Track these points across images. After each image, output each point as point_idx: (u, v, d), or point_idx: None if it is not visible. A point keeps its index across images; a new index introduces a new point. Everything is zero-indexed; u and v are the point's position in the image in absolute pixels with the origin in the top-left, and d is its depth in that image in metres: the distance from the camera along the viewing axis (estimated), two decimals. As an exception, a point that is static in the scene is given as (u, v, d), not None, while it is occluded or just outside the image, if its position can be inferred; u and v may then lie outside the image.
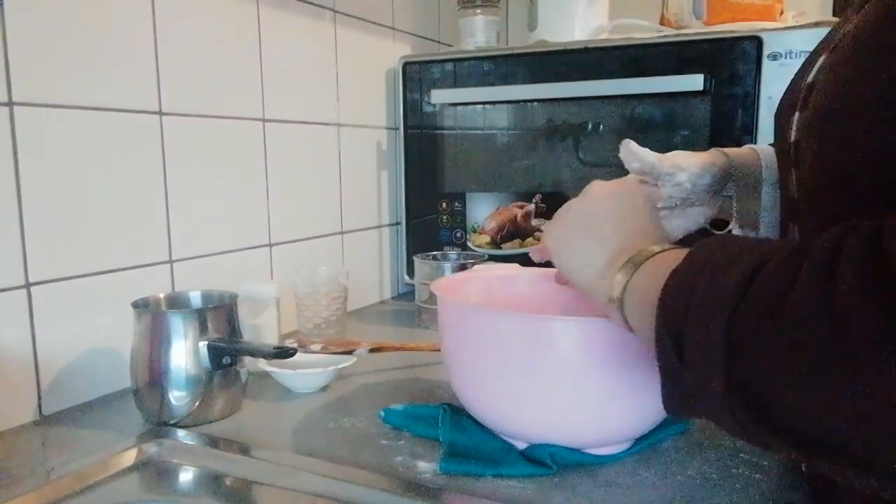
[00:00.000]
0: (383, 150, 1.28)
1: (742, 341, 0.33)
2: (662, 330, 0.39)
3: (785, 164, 0.53)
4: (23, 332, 0.70)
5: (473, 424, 0.65)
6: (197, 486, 0.62)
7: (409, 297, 1.24)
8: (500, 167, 1.18)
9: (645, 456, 0.62)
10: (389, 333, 1.07)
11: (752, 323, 0.33)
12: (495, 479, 0.57)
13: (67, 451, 0.64)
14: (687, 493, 0.55)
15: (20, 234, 0.69)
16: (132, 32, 0.79)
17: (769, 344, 0.32)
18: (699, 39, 0.99)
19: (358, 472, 0.58)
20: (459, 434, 0.63)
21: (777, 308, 0.32)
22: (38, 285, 0.71)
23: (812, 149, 0.45)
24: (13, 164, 0.68)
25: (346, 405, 0.75)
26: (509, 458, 0.60)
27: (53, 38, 0.71)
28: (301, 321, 1.00)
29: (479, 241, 1.19)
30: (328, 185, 1.15)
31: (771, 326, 0.32)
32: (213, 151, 0.91)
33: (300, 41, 1.05)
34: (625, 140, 0.62)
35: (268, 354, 0.70)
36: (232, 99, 0.93)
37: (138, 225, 0.81)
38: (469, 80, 1.16)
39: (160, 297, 0.75)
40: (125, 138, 0.79)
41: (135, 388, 0.70)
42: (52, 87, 0.71)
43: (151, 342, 0.68)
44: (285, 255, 1.05)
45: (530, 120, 1.14)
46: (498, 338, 0.59)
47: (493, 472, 0.58)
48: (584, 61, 1.06)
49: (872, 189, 0.39)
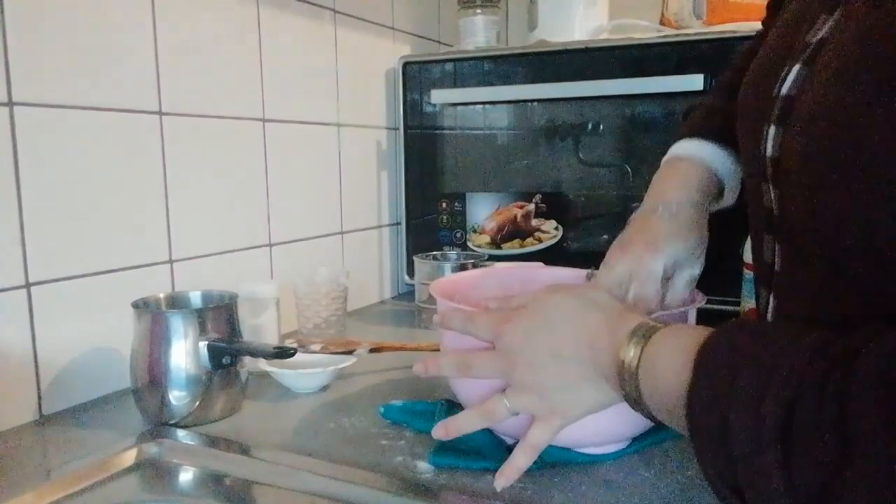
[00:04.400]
0: (383, 150, 1.28)
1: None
2: (710, 471, 0.38)
3: (755, 175, 0.51)
4: (23, 332, 0.70)
5: None
6: (197, 486, 0.62)
7: (409, 297, 1.24)
8: (500, 167, 1.18)
9: (645, 456, 0.62)
10: (389, 333, 1.07)
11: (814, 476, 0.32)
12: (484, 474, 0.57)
13: (67, 451, 0.64)
14: (687, 493, 0.55)
15: (20, 234, 0.69)
16: (132, 32, 0.79)
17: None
18: (699, 39, 0.99)
19: (358, 472, 0.58)
20: None
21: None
22: (38, 285, 0.71)
23: (810, 170, 0.43)
24: (13, 164, 0.68)
25: (346, 405, 0.75)
26: (498, 452, 0.60)
27: (53, 38, 0.71)
28: (301, 321, 1.00)
29: (479, 241, 1.19)
30: (328, 185, 1.15)
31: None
32: (213, 151, 0.91)
33: (300, 41, 1.05)
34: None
35: (268, 354, 0.70)
36: (232, 99, 0.93)
37: (138, 225, 0.81)
38: (469, 80, 1.16)
39: (160, 297, 0.75)
40: (125, 138, 0.79)
41: (135, 388, 0.70)
42: (52, 87, 0.71)
43: (151, 342, 0.68)
44: (285, 255, 1.05)
45: (530, 120, 1.14)
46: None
47: (481, 465, 0.58)
48: (584, 61, 1.06)
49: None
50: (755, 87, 0.53)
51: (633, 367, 0.45)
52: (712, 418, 0.37)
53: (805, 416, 0.33)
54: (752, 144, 0.51)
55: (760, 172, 0.50)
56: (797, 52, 0.48)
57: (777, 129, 0.47)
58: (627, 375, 0.45)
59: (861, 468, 0.31)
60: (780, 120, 0.47)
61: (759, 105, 0.50)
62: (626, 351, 0.46)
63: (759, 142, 0.49)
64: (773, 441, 0.33)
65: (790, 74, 0.47)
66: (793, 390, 0.33)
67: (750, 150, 0.52)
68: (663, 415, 0.45)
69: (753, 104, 0.52)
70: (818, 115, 0.42)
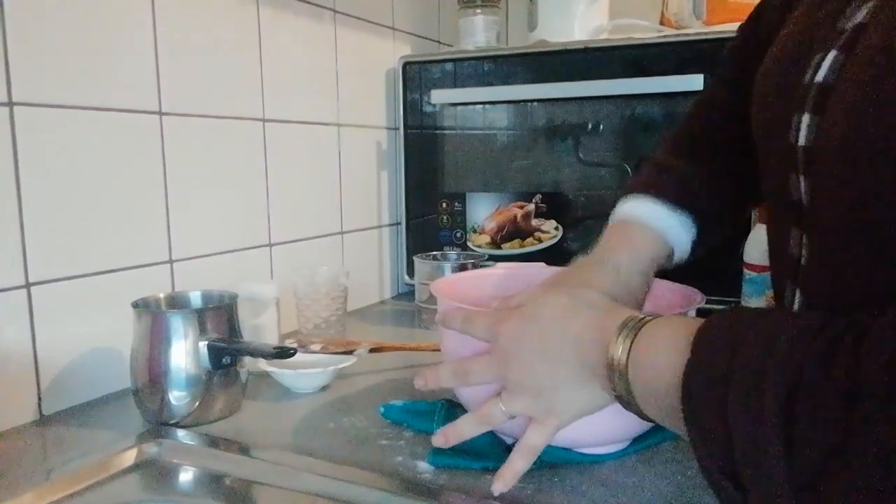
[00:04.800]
0: (383, 150, 1.28)
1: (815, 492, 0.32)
2: (704, 455, 0.38)
3: (783, 166, 0.50)
4: (23, 332, 0.70)
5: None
6: (197, 486, 0.62)
7: (409, 297, 1.24)
8: (500, 167, 1.18)
9: (645, 456, 0.62)
10: (389, 333, 1.07)
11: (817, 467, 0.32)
12: (484, 474, 0.57)
13: (67, 451, 0.64)
14: (687, 493, 0.55)
15: (20, 234, 0.69)
16: (132, 32, 0.79)
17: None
18: (699, 39, 0.99)
19: (358, 472, 0.58)
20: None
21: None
22: (38, 285, 0.71)
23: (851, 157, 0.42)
24: (13, 165, 0.68)
25: (346, 405, 0.75)
26: (497, 452, 0.60)
27: (53, 38, 0.71)
28: (301, 321, 1.00)
29: (479, 241, 1.19)
30: (328, 185, 1.15)
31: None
32: (213, 151, 0.91)
33: (300, 41, 1.05)
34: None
35: (268, 354, 0.70)
36: (232, 99, 0.93)
37: (138, 225, 0.81)
38: (469, 81, 1.16)
39: (160, 297, 0.75)
40: (125, 138, 0.79)
41: (135, 388, 0.70)
42: (52, 87, 0.71)
43: (151, 342, 0.68)
44: (285, 255, 1.05)
45: (530, 120, 1.14)
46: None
47: (480, 465, 0.58)
48: (584, 61, 1.06)
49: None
50: (778, 78, 0.51)
51: (623, 361, 0.44)
52: (711, 397, 0.36)
53: (807, 392, 0.32)
54: (778, 136, 0.49)
55: (789, 163, 0.49)
56: (829, 40, 0.46)
57: (812, 117, 0.46)
58: (617, 370, 0.45)
59: (861, 447, 0.30)
60: (817, 108, 0.45)
61: (785, 95, 0.49)
62: (616, 346, 0.45)
63: (789, 132, 0.48)
64: (775, 417, 0.33)
65: (825, 61, 0.46)
66: (795, 365, 0.33)
67: (774, 143, 0.51)
68: (653, 409, 0.44)
69: (777, 95, 0.50)
70: (862, 101, 0.41)
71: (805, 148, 0.47)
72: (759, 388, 0.34)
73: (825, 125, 0.45)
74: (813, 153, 0.46)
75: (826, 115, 0.45)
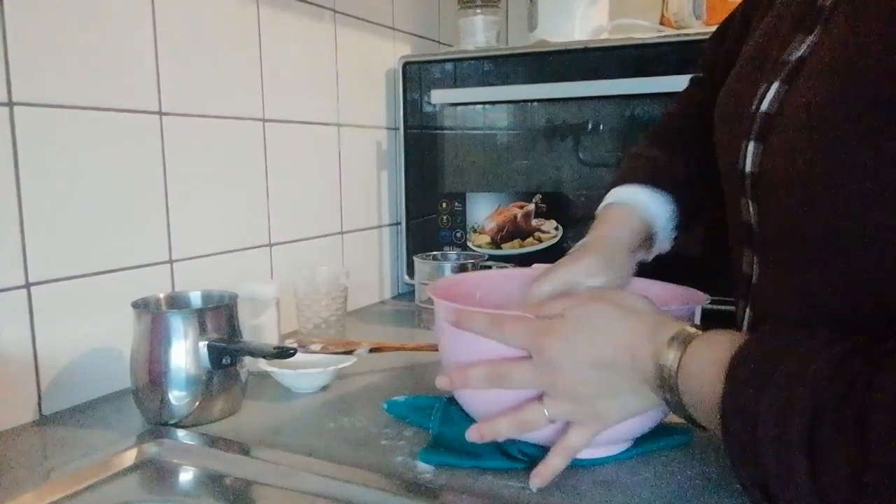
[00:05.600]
0: (383, 151, 1.28)
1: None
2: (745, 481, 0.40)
3: (734, 190, 0.52)
4: (23, 332, 0.70)
5: (464, 417, 0.65)
6: (197, 486, 0.62)
7: (409, 297, 1.24)
8: (500, 167, 1.18)
9: (645, 456, 0.62)
10: (389, 333, 1.07)
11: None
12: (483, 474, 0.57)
13: (67, 451, 0.64)
14: (687, 493, 0.55)
15: (20, 234, 0.69)
16: (132, 32, 0.79)
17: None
18: (699, 39, 0.99)
19: (358, 472, 0.58)
20: (448, 426, 0.64)
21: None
22: (38, 285, 0.71)
23: (793, 186, 0.44)
24: (13, 165, 0.68)
25: (346, 405, 0.75)
26: (488, 451, 0.60)
27: (53, 38, 0.71)
28: (301, 321, 1.00)
29: (479, 241, 1.19)
30: (328, 185, 1.15)
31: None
32: (213, 151, 0.91)
33: (300, 41, 1.05)
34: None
35: (268, 354, 0.70)
36: (232, 99, 0.93)
37: (138, 225, 0.81)
38: (469, 80, 1.16)
39: (160, 297, 0.75)
40: (125, 138, 0.79)
41: (135, 388, 0.70)
42: (52, 87, 0.71)
43: (151, 342, 0.68)
44: (285, 255, 1.05)
45: (530, 120, 1.14)
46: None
47: (470, 463, 0.59)
48: (584, 61, 1.06)
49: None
50: (730, 106, 0.54)
51: (673, 374, 0.46)
52: (744, 431, 0.38)
53: (826, 427, 0.34)
54: (730, 160, 0.52)
55: (739, 188, 0.50)
56: (774, 71, 0.48)
57: (756, 145, 0.48)
58: (668, 382, 0.46)
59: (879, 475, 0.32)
60: (760, 136, 0.47)
61: (734, 122, 0.51)
62: (666, 357, 0.47)
63: (737, 158, 0.50)
64: (799, 452, 0.35)
65: (769, 92, 0.48)
66: (816, 402, 0.35)
67: (728, 166, 0.53)
68: (704, 421, 0.46)
69: (729, 121, 0.53)
70: (801, 133, 0.43)
71: (751, 174, 0.48)
72: (784, 425, 0.36)
73: (768, 154, 0.47)
74: (758, 178, 0.48)
75: (769, 143, 0.46)
